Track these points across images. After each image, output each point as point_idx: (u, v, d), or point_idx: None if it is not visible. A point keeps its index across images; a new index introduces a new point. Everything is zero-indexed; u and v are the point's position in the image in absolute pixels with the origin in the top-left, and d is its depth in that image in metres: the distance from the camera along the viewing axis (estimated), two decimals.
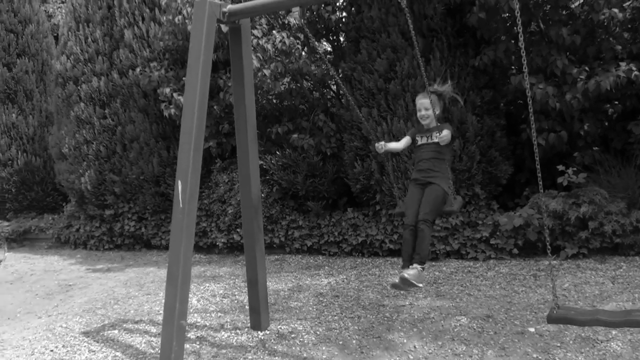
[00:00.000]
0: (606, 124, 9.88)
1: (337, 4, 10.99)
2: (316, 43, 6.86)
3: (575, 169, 9.24)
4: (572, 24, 8.98)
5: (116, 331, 7.12)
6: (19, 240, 15.22)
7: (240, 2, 7.62)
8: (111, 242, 13.41)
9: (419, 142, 6.05)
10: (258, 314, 6.68)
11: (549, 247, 4.73)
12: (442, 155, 5.84)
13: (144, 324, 7.33)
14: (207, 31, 5.60)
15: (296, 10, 6.31)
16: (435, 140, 5.81)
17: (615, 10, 8.51)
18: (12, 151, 15.57)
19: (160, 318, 7.39)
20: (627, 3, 8.95)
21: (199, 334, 6.72)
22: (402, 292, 7.64)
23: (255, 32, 9.90)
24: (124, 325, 7.35)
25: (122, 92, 12.65)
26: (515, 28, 9.39)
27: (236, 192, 11.30)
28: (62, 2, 21.29)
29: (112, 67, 12.85)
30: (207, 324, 7.10)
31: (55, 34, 18.65)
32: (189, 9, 9.93)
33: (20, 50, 16.12)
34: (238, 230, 11.37)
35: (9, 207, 15.92)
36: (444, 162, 5.84)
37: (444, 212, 5.90)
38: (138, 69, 11.92)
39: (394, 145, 6.17)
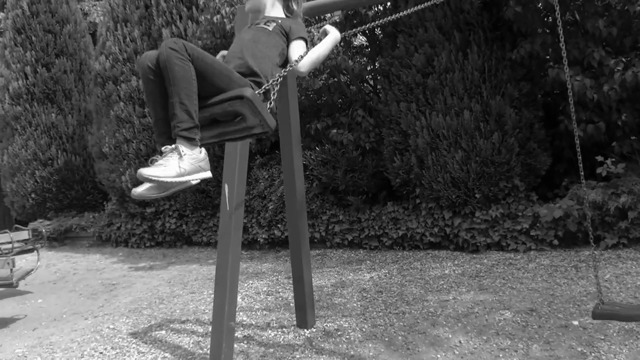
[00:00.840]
0: None
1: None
2: (353, 39, 6.87)
3: (613, 159, 9.22)
4: (608, 15, 8.94)
5: (163, 331, 7.17)
6: (60, 239, 15.46)
7: None
8: (152, 240, 13.60)
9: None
10: (304, 311, 6.70)
11: (593, 242, 4.76)
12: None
13: (190, 324, 7.39)
14: None
15: (337, 14, 6.31)
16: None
17: None
18: (52, 150, 15.80)
19: (206, 317, 7.49)
20: None
21: (245, 333, 6.77)
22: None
23: None
24: (171, 325, 7.41)
25: None
26: (550, 19, 9.38)
27: (276, 188, 11.39)
28: (97, 0, 21.45)
29: None
30: (254, 323, 7.15)
31: (91, 32, 18.82)
32: (227, 9, 10.00)
33: (58, 50, 16.36)
34: (279, 225, 11.48)
35: (50, 206, 16.16)
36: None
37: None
38: None
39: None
